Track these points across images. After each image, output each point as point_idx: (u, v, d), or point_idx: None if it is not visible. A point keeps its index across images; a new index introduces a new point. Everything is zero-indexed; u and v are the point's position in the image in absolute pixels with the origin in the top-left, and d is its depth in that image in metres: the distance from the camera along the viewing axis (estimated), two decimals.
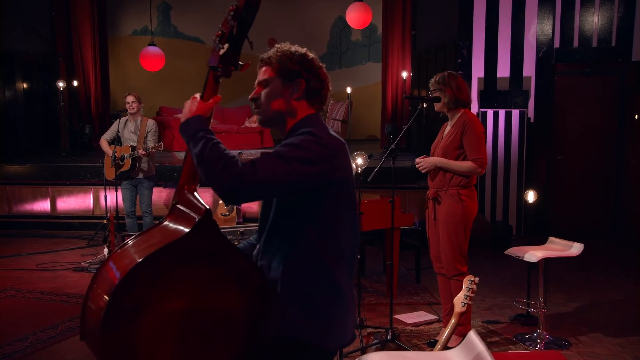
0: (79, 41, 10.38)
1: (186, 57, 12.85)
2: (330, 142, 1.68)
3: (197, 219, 1.57)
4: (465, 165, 3.57)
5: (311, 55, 1.82)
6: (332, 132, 1.76)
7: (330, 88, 1.86)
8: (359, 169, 3.98)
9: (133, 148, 6.12)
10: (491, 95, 7.43)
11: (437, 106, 3.68)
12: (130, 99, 6.09)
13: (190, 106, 1.70)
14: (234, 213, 6.85)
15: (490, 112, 7.42)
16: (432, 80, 3.71)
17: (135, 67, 10.48)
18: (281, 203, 1.68)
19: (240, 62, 1.69)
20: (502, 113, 7.41)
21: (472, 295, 2.53)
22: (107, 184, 6.76)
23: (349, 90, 8.66)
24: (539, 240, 4.48)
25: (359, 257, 5.66)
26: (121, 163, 6.15)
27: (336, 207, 1.69)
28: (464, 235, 3.60)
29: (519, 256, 4.00)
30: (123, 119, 6.24)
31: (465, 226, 3.60)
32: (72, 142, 9.88)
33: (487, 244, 6.97)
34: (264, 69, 1.82)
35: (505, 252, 4.17)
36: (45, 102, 9.16)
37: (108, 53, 12.05)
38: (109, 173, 6.29)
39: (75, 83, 9.78)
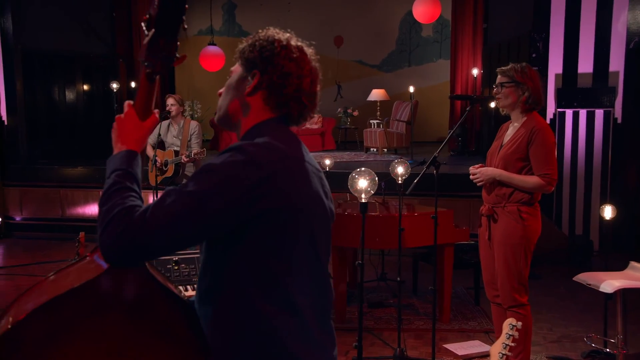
0: (140, 42, 10.50)
1: None
2: (271, 158, 1.30)
3: None
4: (530, 181, 3.05)
5: (285, 43, 1.43)
6: (294, 146, 1.40)
7: (314, 89, 1.48)
8: (400, 178, 3.57)
9: (177, 153, 5.97)
10: (571, 93, 6.72)
11: (504, 102, 3.13)
12: (170, 101, 5.95)
13: (120, 130, 1.37)
14: None
15: (569, 113, 6.72)
16: (505, 70, 3.12)
17: (199, 67, 10.53)
18: (209, 240, 1.35)
19: (177, 54, 1.34)
20: (583, 113, 6.69)
21: (512, 344, 2.07)
22: (155, 188, 6.68)
23: (411, 89, 8.19)
24: (621, 262, 3.87)
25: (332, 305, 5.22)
26: (165, 169, 6.02)
27: (281, 247, 1.32)
28: (524, 259, 3.09)
29: (590, 284, 3.43)
30: (165, 123, 6.11)
31: (526, 249, 3.09)
32: None
33: (563, 261, 6.30)
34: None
35: (574, 279, 3.61)
36: (105, 104, 9.31)
37: None
38: (152, 179, 6.18)
39: (133, 84, 9.89)
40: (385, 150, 9.67)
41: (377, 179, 2.91)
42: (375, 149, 9.74)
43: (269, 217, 1.28)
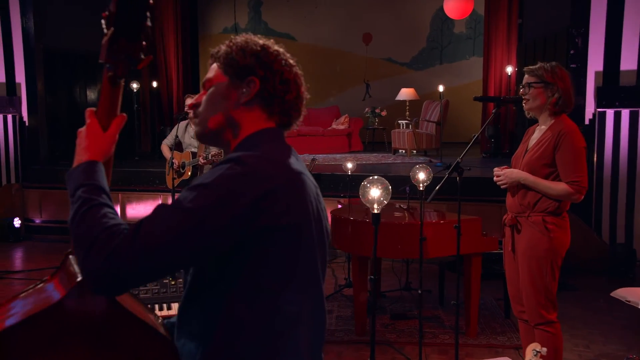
0: (162, 40, 10.55)
1: None
2: (273, 171, 1.20)
3: (78, 279, 1.15)
4: (557, 188, 2.86)
5: (275, 48, 1.36)
6: (293, 158, 1.30)
7: (305, 95, 1.38)
8: (421, 184, 3.41)
9: (194, 154, 5.91)
10: (613, 92, 6.44)
11: (531, 104, 2.95)
12: (189, 101, 5.85)
13: (82, 143, 1.27)
14: None
15: (610, 113, 6.44)
16: (533, 69, 2.95)
17: None
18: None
19: (142, 55, 1.23)
20: (625, 113, 6.40)
21: None
22: (172, 191, 6.64)
23: (441, 88, 8.01)
24: None
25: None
26: (182, 171, 5.97)
27: (282, 270, 1.21)
28: (550, 274, 2.91)
29: (630, 302, 3.22)
30: (183, 123, 6.06)
31: (553, 263, 2.91)
32: (154, 145, 10.04)
33: (603, 271, 6.03)
34: (212, 66, 1.40)
35: (612, 294, 3.40)
36: (126, 104, 9.34)
37: (199, 52, 12.28)
38: (169, 182, 6.14)
39: (154, 84, 9.92)
40: (415, 152, 9.48)
41: (390, 187, 2.76)
42: (403, 151, 9.56)
43: (269, 236, 1.18)
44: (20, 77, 8.16)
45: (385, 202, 2.69)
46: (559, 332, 2.98)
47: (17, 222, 7.54)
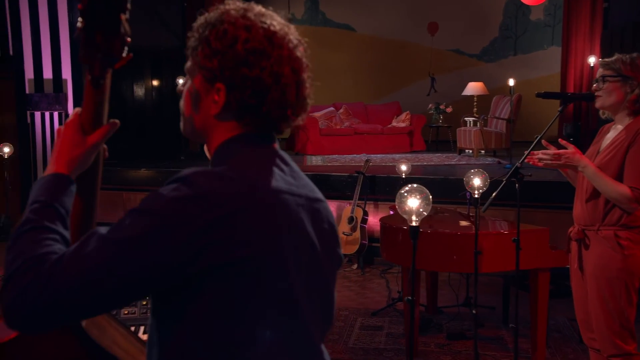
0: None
1: (335, 47, 12.71)
2: (231, 191, 1.05)
3: None
4: (617, 188, 2.62)
5: (251, 32, 1.12)
6: (277, 172, 1.14)
7: (303, 93, 1.18)
8: (477, 191, 3.23)
9: None
10: None
11: (605, 100, 2.74)
12: None
13: (56, 144, 1.18)
14: (357, 232, 6.34)
15: None
16: (609, 62, 2.74)
17: None
18: (152, 300, 1.13)
19: (123, 54, 1.14)
20: None
21: None
22: None
23: (511, 82, 7.70)
24: None
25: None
26: None
27: (242, 316, 1.07)
28: (625, 297, 2.67)
29: None
30: None
31: (628, 285, 2.66)
32: (202, 145, 10.14)
33: None
34: None
35: None
36: (174, 101, 9.44)
37: None
38: None
39: None
40: (482, 152, 9.18)
41: (431, 197, 2.59)
42: (470, 151, 9.28)
43: (225, 273, 1.04)
44: (66, 73, 8.43)
45: (425, 213, 2.53)
46: None
47: None
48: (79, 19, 1.14)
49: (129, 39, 1.17)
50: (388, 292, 5.66)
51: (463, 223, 4.34)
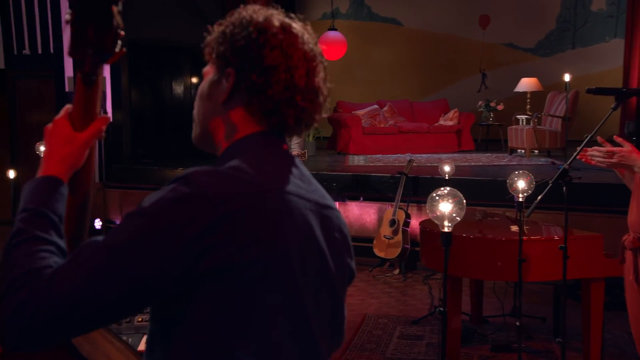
0: None
1: (380, 42, 12.62)
2: (232, 191, 1.03)
3: None
4: None
5: (264, 23, 1.14)
6: (283, 173, 1.12)
7: (313, 82, 1.15)
8: (521, 195, 3.11)
9: None
10: None
11: None
12: None
13: (45, 144, 1.15)
14: (399, 236, 6.24)
15: None
16: None
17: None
18: (151, 307, 1.11)
19: (116, 49, 1.09)
20: None
21: None
22: None
23: (567, 78, 7.44)
24: None
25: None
26: None
27: (245, 325, 1.04)
28: None
29: None
30: None
31: None
32: None
33: None
34: None
35: None
36: None
37: None
38: None
39: None
40: (535, 152, 8.93)
41: (464, 201, 2.49)
42: (522, 151, 9.04)
43: (226, 277, 1.01)
44: (106, 70, 8.59)
45: (459, 218, 2.43)
46: None
47: (98, 223, 7.93)
48: (68, 10, 1.11)
49: (122, 33, 1.13)
50: (430, 299, 5.55)
51: (513, 228, 4.22)
